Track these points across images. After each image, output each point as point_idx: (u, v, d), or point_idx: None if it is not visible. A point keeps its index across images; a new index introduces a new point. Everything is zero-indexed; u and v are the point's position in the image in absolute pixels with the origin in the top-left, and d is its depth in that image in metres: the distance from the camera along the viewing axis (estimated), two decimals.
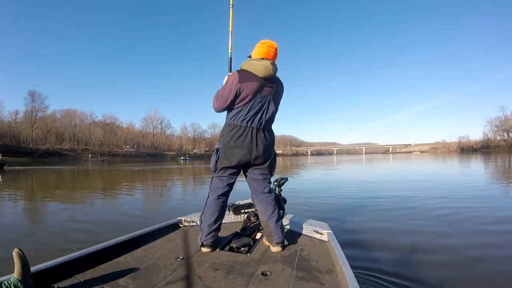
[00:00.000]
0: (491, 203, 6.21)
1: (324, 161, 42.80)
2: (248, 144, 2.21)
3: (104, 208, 6.94)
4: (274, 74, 2.25)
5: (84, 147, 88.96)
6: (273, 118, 2.38)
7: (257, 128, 2.24)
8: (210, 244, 2.21)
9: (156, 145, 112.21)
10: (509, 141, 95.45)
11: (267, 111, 2.27)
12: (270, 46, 2.28)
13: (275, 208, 2.31)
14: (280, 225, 2.27)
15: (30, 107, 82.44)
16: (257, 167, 2.32)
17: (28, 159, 60.94)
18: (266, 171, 2.35)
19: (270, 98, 2.26)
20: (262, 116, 2.25)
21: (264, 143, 2.28)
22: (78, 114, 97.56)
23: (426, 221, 4.74)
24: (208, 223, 2.24)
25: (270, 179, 2.42)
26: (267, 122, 2.30)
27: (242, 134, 2.21)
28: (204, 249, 2.20)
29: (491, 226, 4.34)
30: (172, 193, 9.74)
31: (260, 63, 2.19)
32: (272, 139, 2.39)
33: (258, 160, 2.28)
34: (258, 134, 2.25)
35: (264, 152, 2.29)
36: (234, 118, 2.24)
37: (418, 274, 2.74)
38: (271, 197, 2.35)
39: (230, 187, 2.37)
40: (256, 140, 2.24)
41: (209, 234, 2.22)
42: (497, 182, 10.75)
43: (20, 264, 1.36)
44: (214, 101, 2.30)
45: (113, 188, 11.13)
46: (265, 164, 2.33)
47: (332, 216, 5.04)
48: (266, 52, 2.26)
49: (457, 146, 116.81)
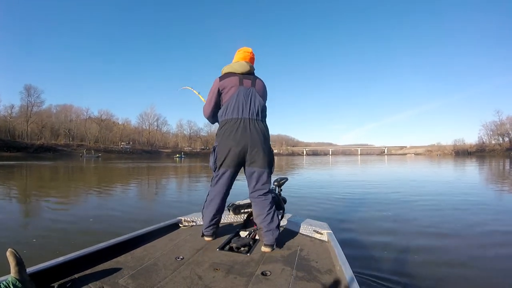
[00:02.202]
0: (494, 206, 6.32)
1: (320, 161, 42.88)
2: (242, 135, 2.31)
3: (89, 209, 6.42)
4: (251, 70, 2.50)
5: (79, 143, 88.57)
6: (263, 110, 2.48)
7: (249, 118, 2.34)
8: (210, 234, 2.44)
9: (151, 142, 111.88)
10: (504, 146, 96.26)
11: (255, 101, 2.41)
12: (246, 51, 2.57)
13: (269, 212, 2.33)
14: (273, 227, 2.28)
15: (25, 102, 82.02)
16: (255, 163, 2.35)
17: (23, 154, 60.63)
18: (264, 168, 2.37)
19: (253, 89, 2.43)
20: (251, 106, 2.37)
21: (258, 133, 2.35)
22: (74, 110, 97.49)
23: (426, 221, 4.79)
24: (208, 217, 2.43)
25: (269, 178, 2.43)
26: (258, 113, 2.39)
27: (234, 127, 2.32)
28: (206, 238, 2.43)
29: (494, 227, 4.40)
30: (165, 193, 9.50)
31: (237, 63, 2.49)
32: (267, 131, 2.46)
33: (254, 152, 2.33)
34: (251, 123, 2.34)
35: (260, 143, 2.34)
36: (225, 113, 2.39)
37: (418, 274, 2.76)
38: (267, 200, 2.37)
39: (230, 183, 2.45)
40: (250, 129, 2.33)
41: (209, 226, 2.44)
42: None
43: (15, 263, 1.38)
44: (203, 109, 2.58)
45: (108, 184, 11.04)
46: (263, 158, 2.35)
47: (330, 216, 5.03)
48: (242, 56, 2.56)
49: (452, 149, 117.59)
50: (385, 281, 2.57)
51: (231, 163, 2.34)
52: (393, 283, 2.54)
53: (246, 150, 2.31)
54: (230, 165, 2.35)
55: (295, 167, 24.97)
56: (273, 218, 2.31)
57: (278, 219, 2.36)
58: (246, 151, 2.32)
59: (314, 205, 6.46)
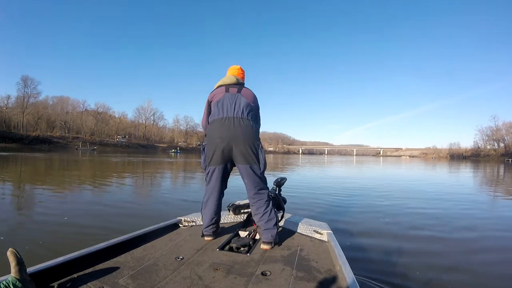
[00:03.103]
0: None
1: (315, 160, 42.94)
2: (227, 131, 2.38)
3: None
4: (238, 81, 2.67)
5: (75, 135, 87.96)
6: (251, 110, 2.51)
7: (234, 116, 2.40)
8: (210, 233, 2.46)
9: (147, 136, 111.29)
10: (499, 151, 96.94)
11: (240, 103, 2.47)
12: (234, 68, 2.80)
13: (266, 211, 2.36)
14: (270, 226, 2.32)
15: (22, 93, 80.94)
16: (240, 159, 2.39)
17: (18, 145, 60.21)
18: (249, 164, 2.38)
19: (239, 95, 2.52)
20: (236, 107, 2.44)
21: (243, 129, 2.38)
22: (70, 102, 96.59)
23: (426, 220, 4.86)
24: (207, 216, 2.48)
25: (260, 176, 2.42)
26: (243, 112, 2.43)
27: (219, 125, 2.41)
28: (206, 238, 2.45)
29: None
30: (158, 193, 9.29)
31: (226, 77, 2.70)
32: (254, 128, 2.46)
33: (239, 148, 2.37)
34: (236, 121, 2.39)
35: (245, 140, 2.37)
36: (212, 116, 2.50)
37: (418, 274, 2.79)
38: (262, 199, 2.40)
39: (223, 180, 2.50)
40: (234, 126, 2.38)
41: (208, 226, 2.46)
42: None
43: (16, 262, 1.38)
44: (201, 123, 2.73)
45: (103, 178, 10.99)
46: (247, 154, 2.37)
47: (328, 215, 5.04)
48: (231, 72, 2.78)
49: (447, 153, 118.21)
50: (385, 281, 2.58)
51: (219, 159, 2.42)
52: (393, 284, 2.55)
53: (231, 146, 2.36)
54: (219, 161, 2.42)
55: (290, 166, 25.00)
56: (269, 216, 2.34)
57: (275, 217, 2.39)
58: (232, 147, 2.37)
59: (310, 204, 6.48)
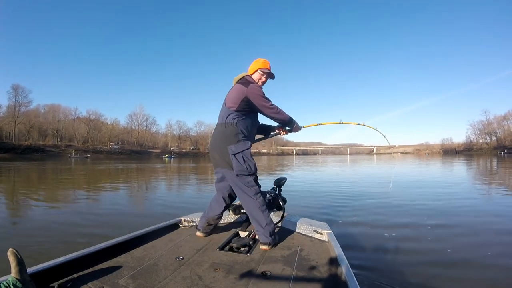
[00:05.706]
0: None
1: (310, 161, 42.95)
2: (212, 140, 2.48)
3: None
4: (237, 81, 2.53)
5: (67, 143, 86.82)
6: (230, 114, 2.38)
7: (218, 123, 2.46)
8: (201, 229, 2.52)
9: (141, 142, 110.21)
10: (492, 144, 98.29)
11: (223, 107, 2.48)
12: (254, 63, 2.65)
13: (257, 215, 2.32)
14: (262, 227, 2.29)
15: (13, 102, 79.78)
16: (217, 165, 2.46)
17: (10, 155, 59.35)
18: (227, 168, 2.36)
19: (225, 99, 2.50)
20: (221, 112, 2.47)
21: (218, 136, 2.41)
22: (62, 109, 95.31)
23: (426, 220, 4.88)
24: (205, 213, 2.57)
25: (243, 180, 2.34)
26: (223, 117, 2.42)
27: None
28: (198, 233, 2.53)
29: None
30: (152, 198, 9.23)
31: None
32: (230, 132, 2.36)
33: (213, 154, 2.45)
34: (216, 128, 2.46)
35: (218, 145, 2.39)
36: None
37: (417, 273, 2.79)
38: (248, 202, 2.36)
39: (224, 184, 2.52)
40: (214, 133, 2.48)
41: (204, 223, 2.52)
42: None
43: (16, 263, 1.38)
44: None
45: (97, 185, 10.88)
46: (223, 159, 2.36)
47: (326, 213, 5.08)
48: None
49: (440, 148, 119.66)
50: (385, 281, 2.58)
51: (215, 166, 2.51)
52: (394, 283, 2.55)
53: (213, 153, 2.45)
54: (216, 168, 2.51)
55: (286, 167, 25.00)
56: (262, 218, 2.31)
57: (267, 218, 2.32)
58: (213, 154, 2.45)
59: (310, 204, 6.50)
